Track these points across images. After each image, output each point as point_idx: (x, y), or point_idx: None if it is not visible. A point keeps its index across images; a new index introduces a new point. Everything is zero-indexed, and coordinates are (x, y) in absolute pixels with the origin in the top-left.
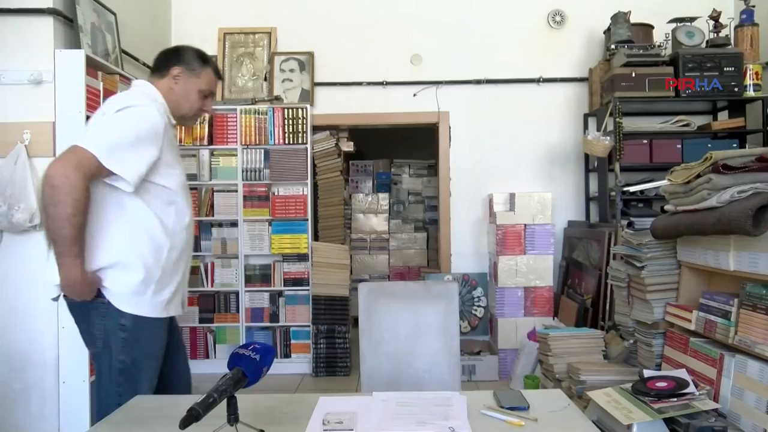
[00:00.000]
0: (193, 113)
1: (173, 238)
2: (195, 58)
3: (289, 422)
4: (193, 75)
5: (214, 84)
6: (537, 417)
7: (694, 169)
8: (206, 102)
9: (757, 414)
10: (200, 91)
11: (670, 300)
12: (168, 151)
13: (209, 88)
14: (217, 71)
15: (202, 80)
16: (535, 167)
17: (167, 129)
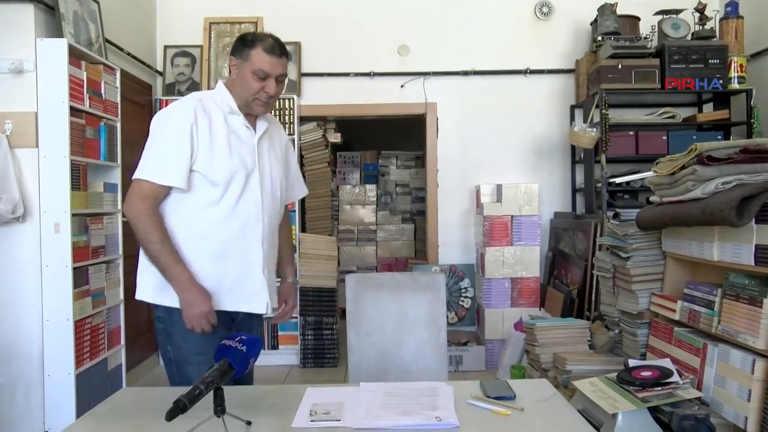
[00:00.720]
0: (253, 97)
1: (204, 231)
2: (242, 42)
3: (276, 413)
4: (244, 60)
5: (269, 63)
6: (523, 406)
7: (679, 161)
8: (267, 84)
9: (739, 402)
10: (253, 73)
11: (654, 290)
12: (209, 142)
13: (261, 68)
14: (270, 48)
15: (253, 62)
16: (522, 159)
17: (204, 119)
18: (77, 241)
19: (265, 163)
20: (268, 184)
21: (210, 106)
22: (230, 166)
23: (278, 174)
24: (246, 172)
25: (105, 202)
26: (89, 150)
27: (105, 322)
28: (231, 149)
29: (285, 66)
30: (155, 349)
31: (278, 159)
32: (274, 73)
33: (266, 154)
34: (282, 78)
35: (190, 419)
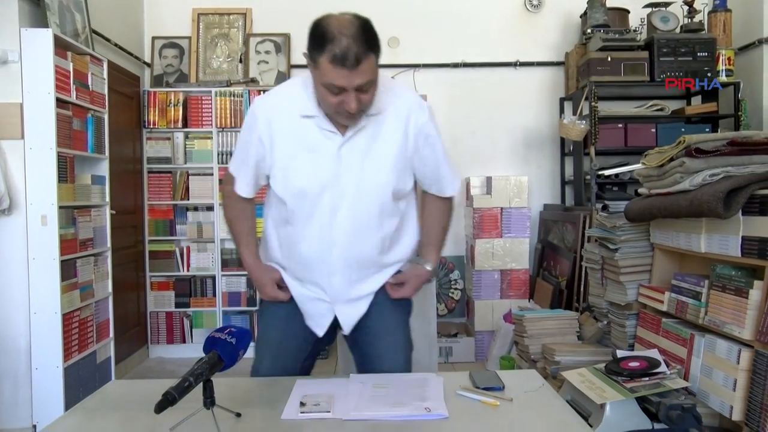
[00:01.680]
0: (333, 111)
1: (277, 231)
2: (312, 39)
3: (266, 405)
4: (314, 65)
5: (340, 77)
6: (512, 397)
7: (667, 153)
8: (345, 98)
9: (725, 391)
10: (323, 86)
11: (643, 281)
12: (275, 155)
13: (332, 82)
14: (342, 58)
15: (322, 72)
16: (512, 151)
17: (277, 125)
18: (65, 234)
19: (350, 174)
20: (353, 198)
21: (288, 108)
22: (296, 185)
23: (382, 178)
24: (317, 190)
25: (93, 194)
26: (76, 142)
27: (93, 315)
28: (298, 164)
29: (366, 72)
30: (144, 342)
31: (387, 156)
32: (351, 85)
33: (357, 159)
34: (367, 86)
35: (180, 411)
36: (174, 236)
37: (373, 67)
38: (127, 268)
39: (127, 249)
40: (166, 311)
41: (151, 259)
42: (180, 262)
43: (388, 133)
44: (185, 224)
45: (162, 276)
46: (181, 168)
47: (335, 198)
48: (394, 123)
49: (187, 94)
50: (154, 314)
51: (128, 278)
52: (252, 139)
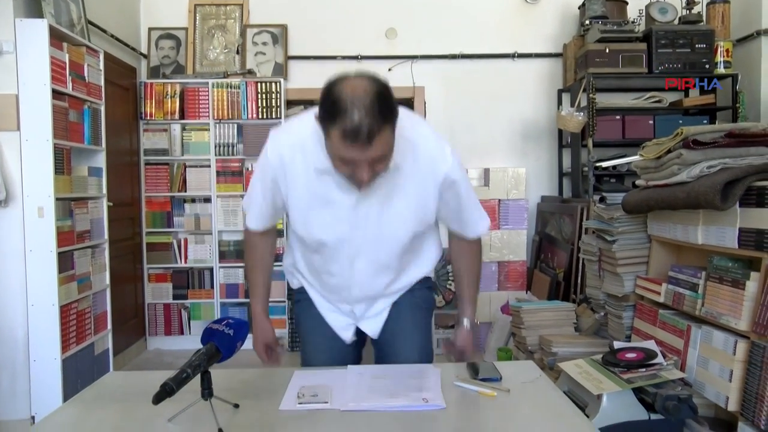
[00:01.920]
0: (346, 177)
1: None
2: (323, 107)
3: (264, 396)
4: (325, 132)
5: (351, 151)
6: (509, 388)
7: (665, 145)
8: (357, 170)
9: (721, 382)
10: (334, 155)
11: (640, 273)
12: (296, 198)
13: (342, 156)
14: (352, 134)
15: (333, 144)
16: (510, 143)
17: (293, 170)
18: (62, 226)
19: (368, 228)
20: (371, 249)
21: (302, 159)
22: (313, 236)
23: (401, 230)
24: (335, 242)
25: (90, 186)
26: (73, 133)
27: (91, 307)
28: (314, 217)
29: (381, 145)
30: (142, 334)
31: (407, 208)
32: (364, 159)
33: (375, 213)
34: (382, 158)
35: (178, 402)
36: (171, 228)
37: (387, 139)
38: (125, 260)
39: (124, 241)
40: (163, 303)
41: (149, 251)
42: (178, 254)
43: (408, 187)
44: (183, 216)
45: (160, 268)
46: (178, 160)
47: (353, 249)
48: (414, 177)
49: (183, 85)
50: (152, 306)
51: (126, 270)
52: (266, 180)
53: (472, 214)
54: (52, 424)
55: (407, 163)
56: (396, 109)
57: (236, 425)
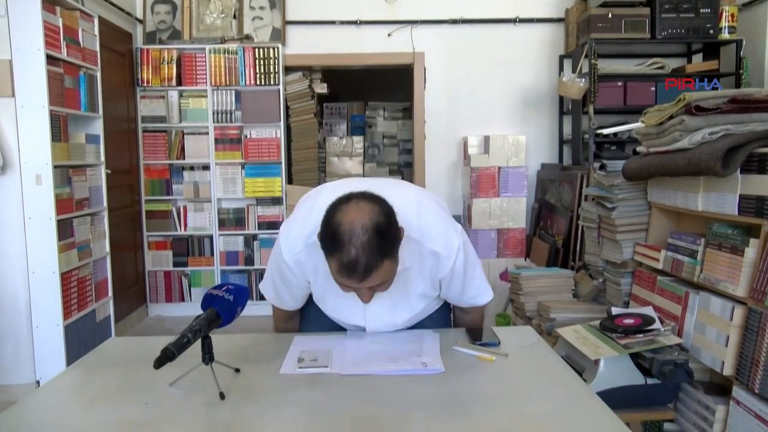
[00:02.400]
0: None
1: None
2: (322, 236)
3: (264, 361)
4: (325, 255)
5: (345, 281)
6: (507, 353)
7: (667, 111)
8: (359, 293)
9: (717, 347)
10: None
11: (639, 240)
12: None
13: (341, 283)
14: (348, 269)
15: (332, 269)
16: (510, 110)
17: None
18: (60, 193)
19: (380, 319)
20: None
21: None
22: (328, 312)
23: (413, 318)
24: (350, 325)
25: (87, 153)
26: (69, 100)
27: (92, 275)
28: (329, 305)
29: (380, 277)
30: (143, 301)
31: (417, 302)
32: (362, 287)
33: (387, 309)
34: (383, 287)
35: (179, 367)
36: (170, 196)
37: (387, 271)
38: (124, 227)
39: (123, 209)
40: (164, 270)
41: (148, 218)
42: (177, 221)
43: (417, 283)
44: (181, 184)
45: (159, 236)
46: (176, 127)
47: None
48: (421, 273)
49: (180, 51)
50: (152, 273)
51: (125, 238)
52: (287, 280)
53: (472, 289)
54: (55, 387)
55: (414, 261)
56: (398, 240)
57: (237, 389)
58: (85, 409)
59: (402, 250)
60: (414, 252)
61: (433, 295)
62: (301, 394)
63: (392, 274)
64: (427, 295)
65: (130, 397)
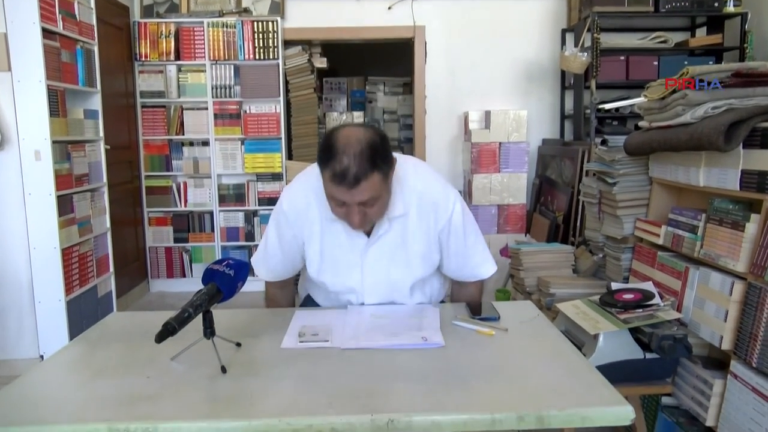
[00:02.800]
0: (342, 219)
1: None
2: (321, 149)
3: (265, 335)
4: (321, 173)
5: (339, 193)
6: (507, 327)
7: None
8: (349, 212)
9: (716, 322)
10: (328, 195)
11: (640, 216)
12: (310, 248)
13: (333, 196)
14: (339, 177)
15: (325, 184)
16: (511, 84)
17: (301, 222)
18: (59, 169)
19: (376, 277)
20: (380, 296)
21: (316, 210)
22: (324, 280)
23: (408, 277)
24: (346, 291)
25: (86, 129)
26: (66, 75)
27: (92, 250)
28: (327, 267)
29: (369, 189)
30: (145, 277)
31: (414, 256)
32: (352, 201)
33: (385, 261)
34: (372, 202)
35: (180, 342)
36: (170, 172)
37: (376, 184)
38: (124, 203)
39: (123, 185)
40: (165, 246)
41: (148, 194)
42: (177, 197)
43: (415, 234)
44: (181, 160)
45: (160, 211)
46: (174, 102)
47: (362, 296)
48: (419, 223)
49: (178, 25)
50: (153, 249)
51: (126, 214)
52: (284, 236)
53: (476, 258)
54: (58, 361)
55: (413, 210)
56: (389, 159)
57: (239, 363)
58: (88, 382)
59: (400, 196)
60: (412, 201)
61: (433, 260)
62: (302, 367)
63: (382, 194)
64: (426, 259)
65: (132, 370)
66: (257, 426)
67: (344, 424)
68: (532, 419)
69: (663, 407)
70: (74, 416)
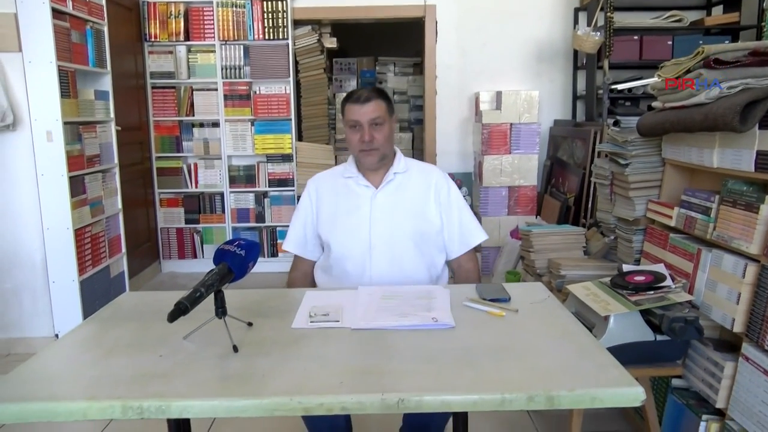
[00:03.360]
0: (357, 150)
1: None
2: (343, 101)
3: (276, 315)
4: (343, 117)
5: (354, 111)
6: (518, 308)
7: (684, 64)
8: (361, 132)
9: (728, 305)
10: (348, 126)
11: (652, 197)
12: (325, 206)
13: (350, 118)
14: (356, 97)
15: (345, 115)
16: (523, 64)
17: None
18: (71, 150)
19: (382, 221)
20: (382, 243)
21: (332, 174)
22: (337, 236)
23: (409, 223)
24: (356, 241)
25: (97, 110)
26: (76, 55)
27: (105, 231)
28: (340, 220)
29: (375, 110)
30: (156, 257)
31: (414, 203)
32: (363, 119)
33: (388, 207)
34: (378, 121)
35: (193, 321)
36: (181, 153)
37: (382, 108)
38: (136, 184)
39: (134, 166)
40: (176, 227)
41: (159, 175)
42: (188, 179)
43: (414, 186)
44: (191, 141)
45: (171, 193)
46: (184, 83)
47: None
48: (419, 178)
49: (188, 5)
50: (164, 230)
51: (137, 195)
52: (304, 206)
53: (468, 224)
54: (72, 340)
55: (414, 171)
56: (392, 105)
57: (250, 342)
58: (102, 360)
59: (403, 161)
60: (413, 166)
61: (430, 219)
62: (313, 347)
63: (386, 122)
64: (424, 215)
65: (144, 349)
66: (268, 404)
67: (355, 403)
68: (542, 400)
69: (673, 389)
70: (88, 393)
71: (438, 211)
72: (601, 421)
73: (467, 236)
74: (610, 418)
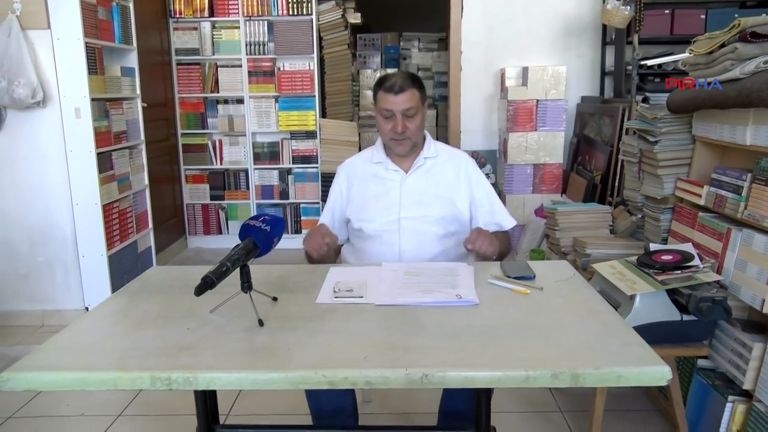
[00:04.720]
0: (389, 138)
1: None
2: (375, 86)
3: (300, 290)
4: (376, 103)
5: (388, 101)
6: (542, 286)
7: (718, 38)
8: (394, 122)
9: (757, 285)
10: (380, 114)
11: (681, 175)
12: (356, 191)
13: (384, 107)
14: (390, 86)
15: (379, 103)
16: (550, 40)
17: (353, 175)
18: (99, 126)
19: (411, 205)
20: (411, 227)
21: (362, 159)
22: (367, 216)
23: (437, 208)
24: (382, 219)
25: (123, 86)
26: (103, 32)
27: (132, 207)
28: (369, 203)
29: (409, 100)
30: (182, 233)
31: (442, 188)
32: (397, 109)
33: (418, 191)
34: (411, 112)
35: (219, 295)
36: (206, 130)
37: (416, 97)
38: (162, 161)
39: (160, 142)
40: (201, 203)
41: (185, 152)
42: (213, 155)
43: (443, 171)
44: (216, 117)
45: (196, 169)
46: (209, 59)
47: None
48: (448, 163)
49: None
50: (190, 206)
51: (163, 171)
52: (334, 188)
53: (501, 208)
54: (102, 312)
55: (443, 156)
56: (425, 92)
57: (275, 317)
58: (131, 332)
59: (433, 146)
60: (442, 151)
61: (458, 206)
62: (337, 322)
63: (419, 112)
64: (452, 201)
65: (172, 322)
66: (294, 377)
67: (379, 377)
68: (566, 377)
69: (698, 369)
70: (119, 364)
71: (468, 196)
72: (624, 400)
73: (498, 218)
74: (633, 398)
